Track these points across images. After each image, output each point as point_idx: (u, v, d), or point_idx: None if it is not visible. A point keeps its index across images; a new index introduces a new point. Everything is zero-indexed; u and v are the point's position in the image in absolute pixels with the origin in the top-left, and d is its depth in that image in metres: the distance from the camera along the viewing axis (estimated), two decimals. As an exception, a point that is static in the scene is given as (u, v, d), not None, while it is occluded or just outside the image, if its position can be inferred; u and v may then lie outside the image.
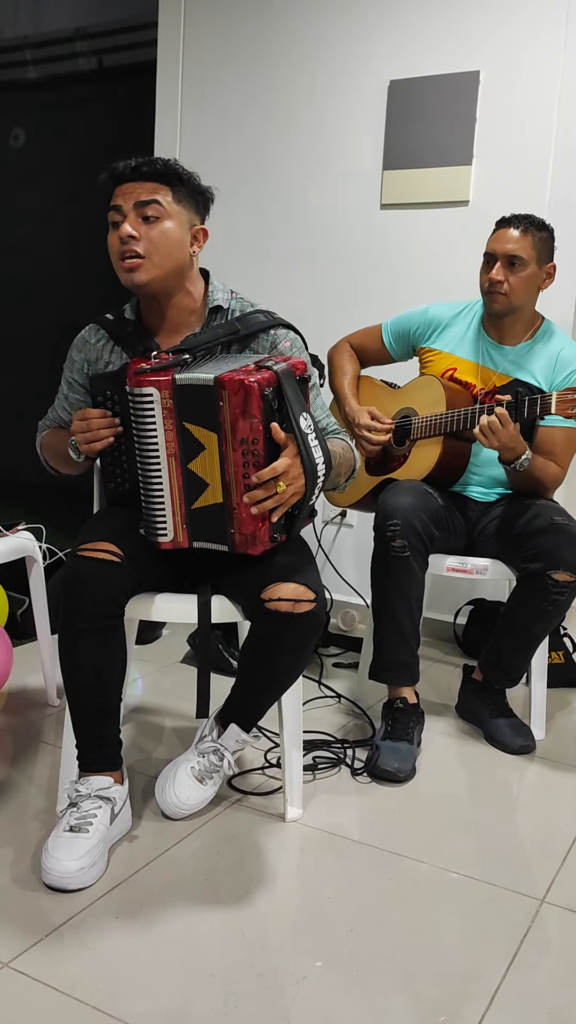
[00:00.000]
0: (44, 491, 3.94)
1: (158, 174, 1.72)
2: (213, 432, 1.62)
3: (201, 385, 1.61)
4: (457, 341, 2.37)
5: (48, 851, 1.62)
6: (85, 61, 4.11)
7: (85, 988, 1.38)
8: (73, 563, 1.67)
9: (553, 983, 1.45)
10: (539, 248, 2.21)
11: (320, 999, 1.38)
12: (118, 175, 1.74)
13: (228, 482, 1.62)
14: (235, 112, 3.26)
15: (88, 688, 1.69)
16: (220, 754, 1.83)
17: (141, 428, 1.67)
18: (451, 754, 2.23)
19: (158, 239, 1.71)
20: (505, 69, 2.80)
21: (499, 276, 2.20)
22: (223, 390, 1.57)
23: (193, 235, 1.78)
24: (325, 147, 3.11)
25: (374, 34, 2.98)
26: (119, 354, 1.85)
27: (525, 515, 2.20)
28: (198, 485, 1.67)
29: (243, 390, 1.55)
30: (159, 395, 1.64)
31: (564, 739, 2.35)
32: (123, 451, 1.77)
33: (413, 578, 2.13)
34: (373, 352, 2.52)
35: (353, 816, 1.91)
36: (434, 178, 2.92)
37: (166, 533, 1.71)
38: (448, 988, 1.42)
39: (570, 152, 2.73)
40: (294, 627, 1.66)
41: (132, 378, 1.65)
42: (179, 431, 1.65)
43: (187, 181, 1.75)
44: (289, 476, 1.60)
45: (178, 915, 1.56)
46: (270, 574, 1.68)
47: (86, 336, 1.89)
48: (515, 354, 2.30)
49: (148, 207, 1.71)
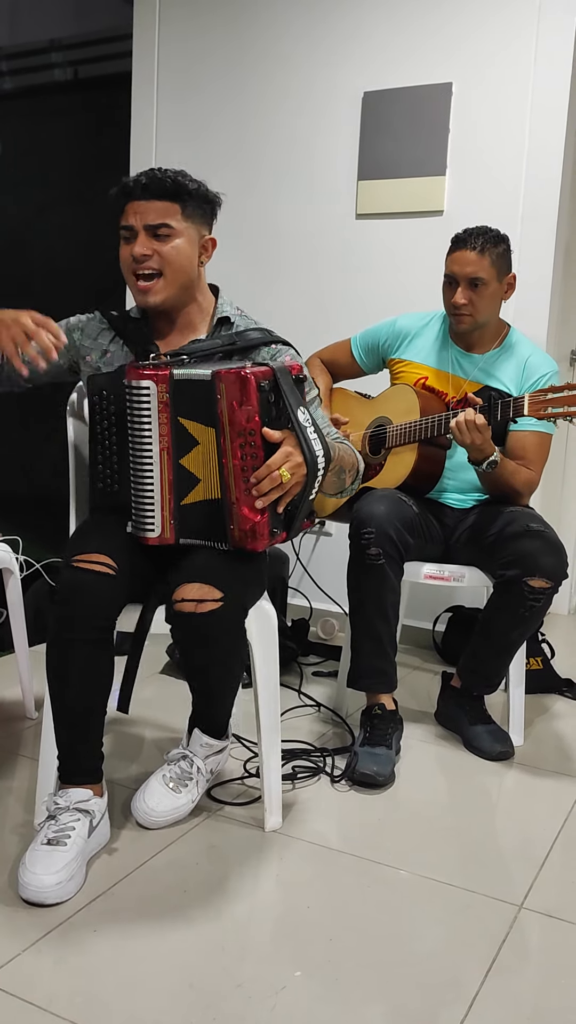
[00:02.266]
0: (20, 502, 3.93)
1: (168, 191, 1.75)
2: (210, 427, 1.64)
3: (199, 380, 1.64)
4: (427, 351, 2.39)
5: (26, 865, 1.61)
6: (61, 72, 4.11)
7: (63, 1002, 1.37)
8: (68, 574, 1.65)
9: (531, 988, 1.46)
10: (498, 264, 2.22)
11: (299, 1009, 1.38)
12: (128, 192, 1.76)
13: (227, 476, 1.63)
14: (210, 123, 3.27)
15: (75, 700, 1.68)
16: (189, 760, 1.84)
17: (136, 421, 1.69)
18: (430, 761, 2.24)
19: (171, 256, 1.76)
20: (477, 80, 2.82)
21: (463, 299, 2.22)
22: (220, 382, 1.60)
23: (202, 246, 1.82)
24: (300, 158, 3.12)
25: (347, 46, 3.01)
26: (119, 345, 1.88)
27: (501, 521, 2.21)
28: (189, 481, 1.69)
29: (239, 380, 1.58)
30: (156, 389, 1.67)
31: (542, 745, 2.36)
32: (114, 451, 1.78)
33: (388, 585, 2.14)
34: (344, 366, 2.53)
35: (332, 825, 1.92)
36: (409, 188, 2.94)
37: (153, 528, 1.71)
38: (427, 995, 1.42)
39: (542, 161, 2.76)
40: (196, 627, 1.65)
41: (130, 371, 1.68)
42: (173, 426, 1.68)
43: (196, 194, 1.78)
44: (290, 465, 1.61)
45: (157, 927, 1.56)
46: (181, 575, 1.68)
47: (91, 316, 1.93)
48: (484, 362, 2.32)
49: (159, 229, 1.75)
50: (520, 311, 2.78)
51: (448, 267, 2.25)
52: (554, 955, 1.54)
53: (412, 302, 2.66)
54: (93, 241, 3.92)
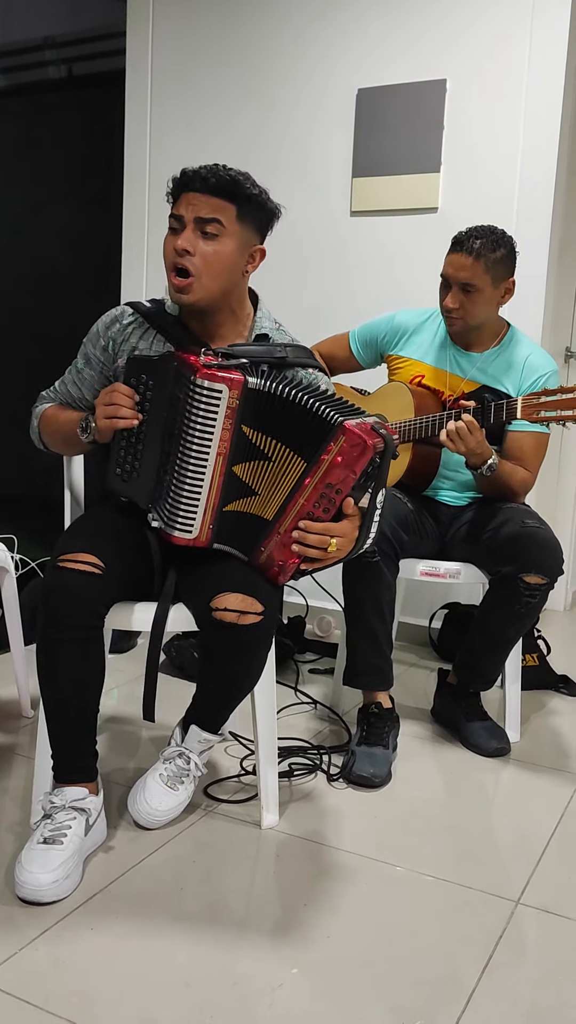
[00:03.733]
0: (15, 501, 3.93)
1: (227, 190, 1.66)
2: (296, 454, 1.61)
3: (283, 398, 1.61)
4: (425, 348, 2.38)
5: (22, 864, 1.60)
6: (54, 70, 4.10)
7: (59, 1001, 1.37)
8: (52, 574, 1.65)
9: (528, 984, 1.46)
10: (494, 270, 2.16)
11: (296, 1006, 1.38)
12: (187, 181, 1.68)
13: (290, 507, 1.62)
14: (204, 120, 3.27)
15: (66, 699, 1.68)
16: (186, 757, 1.84)
17: (198, 422, 1.64)
18: (427, 758, 2.24)
19: (212, 258, 1.67)
20: (471, 77, 2.82)
21: (454, 304, 2.20)
22: (342, 435, 1.56)
23: (251, 255, 1.74)
24: (294, 155, 3.12)
25: (341, 42, 3.00)
26: (150, 341, 1.80)
27: (496, 519, 2.21)
28: (239, 489, 1.67)
29: (361, 447, 1.56)
30: (228, 393, 1.63)
31: (539, 741, 2.36)
32: (140, 438, 1.72)
33: (384, 583, 2.14)
34: (341, 360, 2.53)
35: (329, 822, 1.92)
36: (403, 185, 2.93)
37: (190, 530, 1.70)
38: (424, 992, 1.42)
39: (536, 158, 2.75)
40: (239, 638, 1.65)
41: (202, 371, 1.62)
42: (235, 432, 1.65)
43: (255, 200, 1.70)
44: (344, 540, 1.62)
45: (153, 925, 1.55)
46: (220, 583, 1.67)
47: (117, 315, 1.84)
48: (482, 361, 2.32)
49: (208, 225, 1.66)
50: (515, 308, 2.76)
51: (444, 268, 2.23)
52: (551, 951, 1.54)
53: (407, 299, 2.66)
54: (87, 240, 3.91)
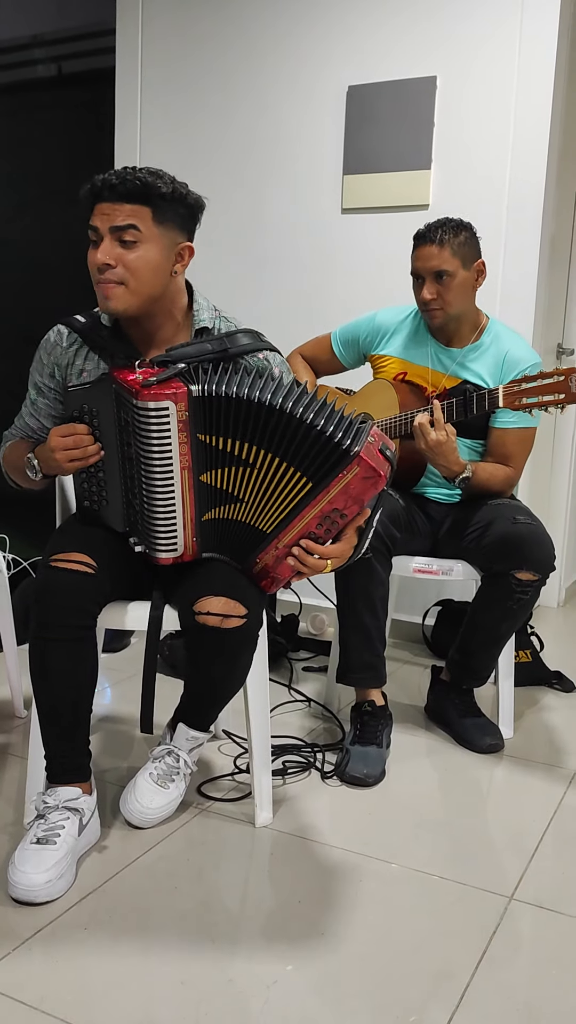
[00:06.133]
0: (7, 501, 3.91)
1: (137, 193, 1.60)
2: (301, 474, 1.59)
3: (232, 399, 1.59)
4: (405, 345, 2.38)
5: (15, 864, 1.60)
6: (44, 68, 4.09)
7: (54, 1000, 1.36)
8: (45, 573, 1.65)
9: (522, 979, 1.46)
10: (461, 253, 2.18)
11: (291, 1003, 1.38)
12: (96, 192, 1.62)
13: (292, 524, 1.62)
14: (195, 118, 3.26)
15: (59, 699, 1.68)
16: (175, 755, 1.84)
17: (153, 443, 1.60)
18: (420, 755, 2.24)
19: (134, 265, 1.62)
20: (461, 74, 2.82)
21: (431, 295, 2.20)
22: (357, 466, 1.55)
23: (178, 253, 1.68)
24: (285, 152, 3.12)
25: (332, 39, 3.00)
26: (95, 361, 1.76)
27: (488, 515, 2.21)
28: (213, 497, 1.66)
29: (374, 479, 1.57)
30: (175, 408, 1.59)
31: (532, 737, 2.36)
32: (100, 467, 1.71)
33: (376, 580, 2.14)
34: (324, 361, 2.53)
35: (323, 819, 1.92)
36: (394, 182, 2.93)
37: (174, 548, 1.69)
38: (418, 988, 1.43)
39: (526, 155, 2.75)
40: (223, 641, 1.65)
41: (142, 392, 1.56)
42: (193, 443, 1.62)
43: (170, 197, 1.63)
44: (337, 561, 1.65)
45: (148, 924, 1.55)
46: (203, 585, 1.66)
47: (54, 339, 1.80)
48: (463, 356, 2.31)
49: (125, 232, 1.61)
50: (506, 304, 2.79)
51: (412, 265, 2.23)
52: (545, 946, 1.54)
53: (397, 296, 2.65)
54: (76, 238, 3.89)
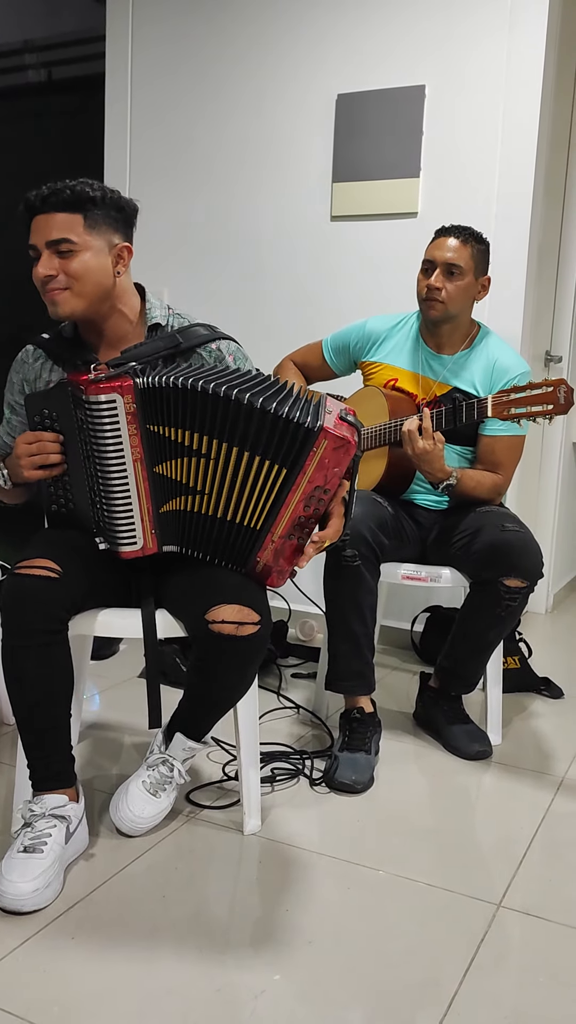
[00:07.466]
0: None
1: (67, 202, 1.66)
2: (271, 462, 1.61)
3: (177, 389, 1.61)
4: (396, 352, 2.39)
5: (2, 873, 1.59)
6: (34, 73, 4.09)
7: (40, 1011, 1.36)
8: (10, 581, 1.66)
9: (510, 987, 1.46)
10: (476, 259, 2.25)
11: (279, 1012, 1.38)
12: (30, 206, 1.69)
13: (280, 514, 1.64)
14: (184, 125, 3.27)
15: (34, 705, 1.67)
16: (169, 764, 1.84)
17: (105, 436, 1.64)
18: (409, 761, 2.24)
19: (76, 270, 1.68)
20: (450, 83, 2.84)
21: (438, 283, 2.23)
22: (325, 439, 1.57)
23: (116, 255, 1.73)
24: (274, 159, 3.13)
25: (321, 48, 3.01)
26: (60, 372, 1.82)
27: (476, 521, 2.22)
28: (169, 488, 1.68)
29: (344, 447, 1.58)
30: (121, 400, 1.63)
31: (520, 744, 2.37)
32: (66, 471, 1.74)
33: (365, 587, 2.14)
34: (315, 368, 2.54)
35: (311, 827, 1.91)
36: (383, 190, 2.94)
37: (134, 541, 1.70)
38: (406, 996, 1.43)
39: (515, 163, 2.77)
40: (237, 649, 1.65)
41: (90, 387, 1.62)
42: (144, 434, 1.65)
43: (101, 202, 1.69)
44: (334, 534, 1.70)
45: (135, 933, 1.55)
46: (215, 594, 1.67)
47: (23, 357, 1.87)
48: (453, 363, 2.33)
49: (60, 244, 1.67)
50: (495, 312, 2.80)
51: (428, 253, 2.26)
52: (533, 953, 1.55)
53: (387, 303, 2.67)
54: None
